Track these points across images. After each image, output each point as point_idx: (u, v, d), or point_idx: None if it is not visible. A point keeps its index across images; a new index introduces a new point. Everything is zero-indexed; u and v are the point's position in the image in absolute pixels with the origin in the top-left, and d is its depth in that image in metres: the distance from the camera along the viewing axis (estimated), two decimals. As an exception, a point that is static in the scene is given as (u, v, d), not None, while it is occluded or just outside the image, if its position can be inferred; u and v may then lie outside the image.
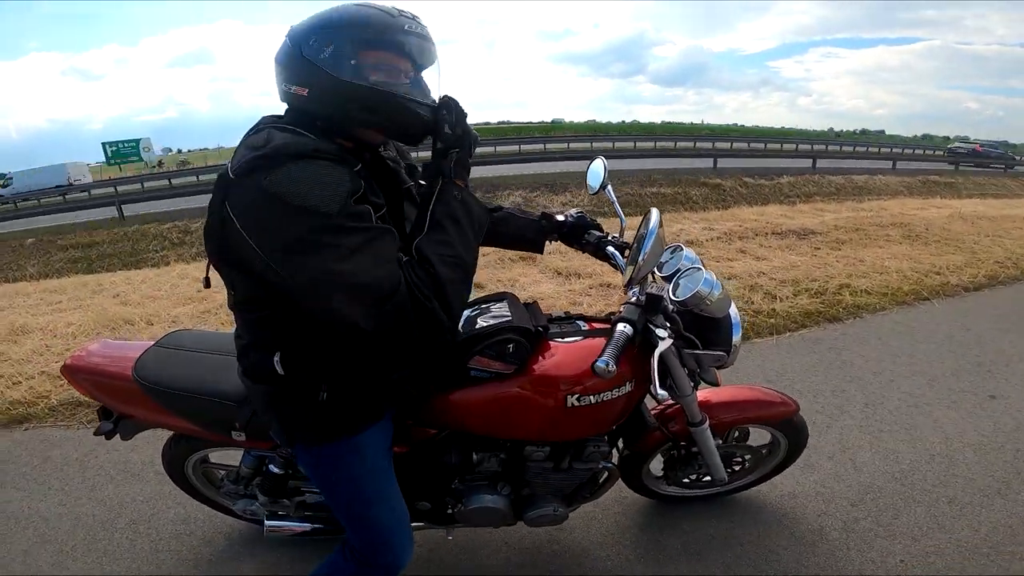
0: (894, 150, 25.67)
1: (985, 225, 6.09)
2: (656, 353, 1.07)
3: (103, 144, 31.67)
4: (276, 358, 1.00)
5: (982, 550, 1.69)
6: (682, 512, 1.84)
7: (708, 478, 1.69)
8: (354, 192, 0.87)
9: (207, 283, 1.11)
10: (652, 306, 1.16)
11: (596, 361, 1.02)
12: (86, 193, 19.92)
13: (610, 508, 1.86)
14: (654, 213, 1.09)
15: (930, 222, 6.05)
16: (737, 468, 1.77)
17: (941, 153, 28.36)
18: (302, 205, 0.82)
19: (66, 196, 20.14)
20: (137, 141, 31.79)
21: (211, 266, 1.00)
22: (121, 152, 31.52)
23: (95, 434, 1.44)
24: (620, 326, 1.10)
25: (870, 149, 26.72)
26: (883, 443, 2.19)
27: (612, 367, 1.02)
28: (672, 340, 1.13)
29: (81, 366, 1.39)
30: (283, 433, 1.12)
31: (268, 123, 0.95)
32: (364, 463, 1.13)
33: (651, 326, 1.15)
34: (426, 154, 1.06)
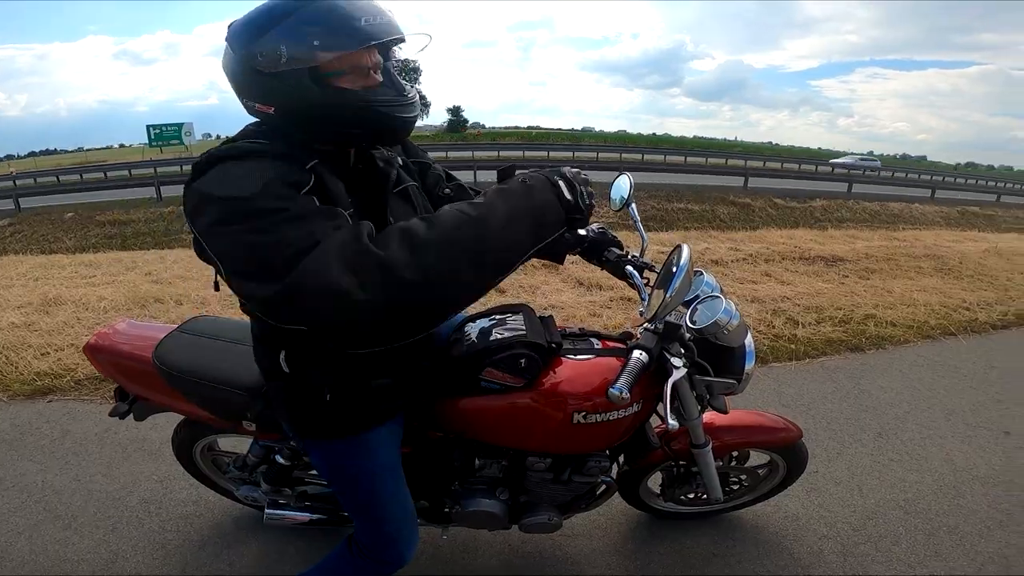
0: (934, 178, 24.91)
1: (1020, 262, 5.87)
2: (669, 382, 1.07)
3: (147, 127, 32.74)
4: (282, 356, 1.02)
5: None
6: (684, 528, 1.85)
7: (705, 496, 1.70)
8: (292, 184, 0.81)
9: (216, 287, 1.08)
10: (669, 334, 1.16)
11: (610, 388, 1.03)
12: (127, 172, 20.50)
13: (615, 518, 1.88)
14: (685, 250, 1.07)
15: (964, 255, 5.87)
16: (735, 488, 1.78)
17: (984, 183, 27.50)
18: (223, 195, 0.78)
19: (107, 174, 20.77)
20: (180, 125, 32.70)
21: None
22: (164, 135, 32.45)
23: (110, 415, 1.49)
24: (636, 353, 1.10)
25: (909, 175, 26.00)
26: (891, 472, 2.19)
27: (626, 394, 1.02)
28: (686, 370, 1.13)
29: (104, 346, 1.44)
30: (295, 429, 1.14)
31: (242, 133, 0.94)
32: (375, 460, 1.16)
33: (667, 354, 1.14)
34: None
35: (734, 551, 1.77)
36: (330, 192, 0.87)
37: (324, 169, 0.88)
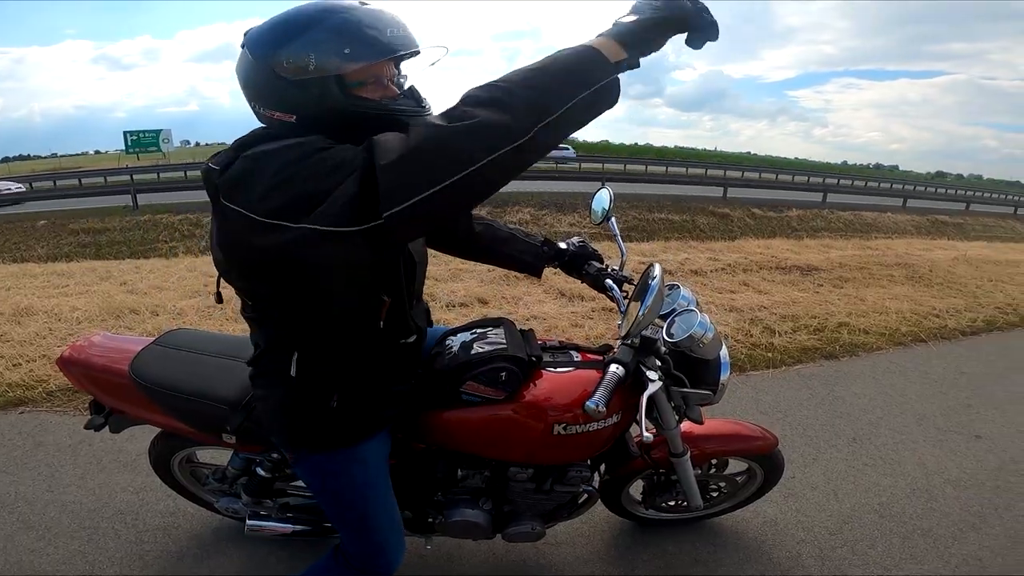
0: (906, 187, 25.62)
1: (989, 269, 6.10)
2: (645, 395, 1.09)
3: (124, 133, 32.30)
4: (294, 358, 1.01)
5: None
6: (666, 534, 1.87)
7: (685, 504, 1.72)
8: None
9: (219, 298, 1.08)
10: (645, 348, 1.18)
11: (587, 402, 1.04)
12: (102, 179, 20.12)
13: (598, 526, 1.89)
14: (657, 269, 1.10)
15: (935, 263, 6.06)
16: (714, 495, 1.81)
17: (954, 192, 28.35)
18: (280, 145, 0.80)
19: (82, 181, 20.37)
20: (158, 132, 32.30)
21: (221, 280, 0.99)
22: (141, 142, 32.04)
23: (85, 427, 1.47)
24: (612, 367, 1.12)
25: (882, 185, 26.71)
26: (866, 476, 2.23)
27: (602, 408, 1.04)
28: (662, 383, 1.15)
29: (78, 359, 1.42)
30: (288, 439, 1.13)
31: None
32: (366, 472, 1.16)
33: (642, 367, 1.17)
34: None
35: (715, 556, 1.79)
36: None
37: None
